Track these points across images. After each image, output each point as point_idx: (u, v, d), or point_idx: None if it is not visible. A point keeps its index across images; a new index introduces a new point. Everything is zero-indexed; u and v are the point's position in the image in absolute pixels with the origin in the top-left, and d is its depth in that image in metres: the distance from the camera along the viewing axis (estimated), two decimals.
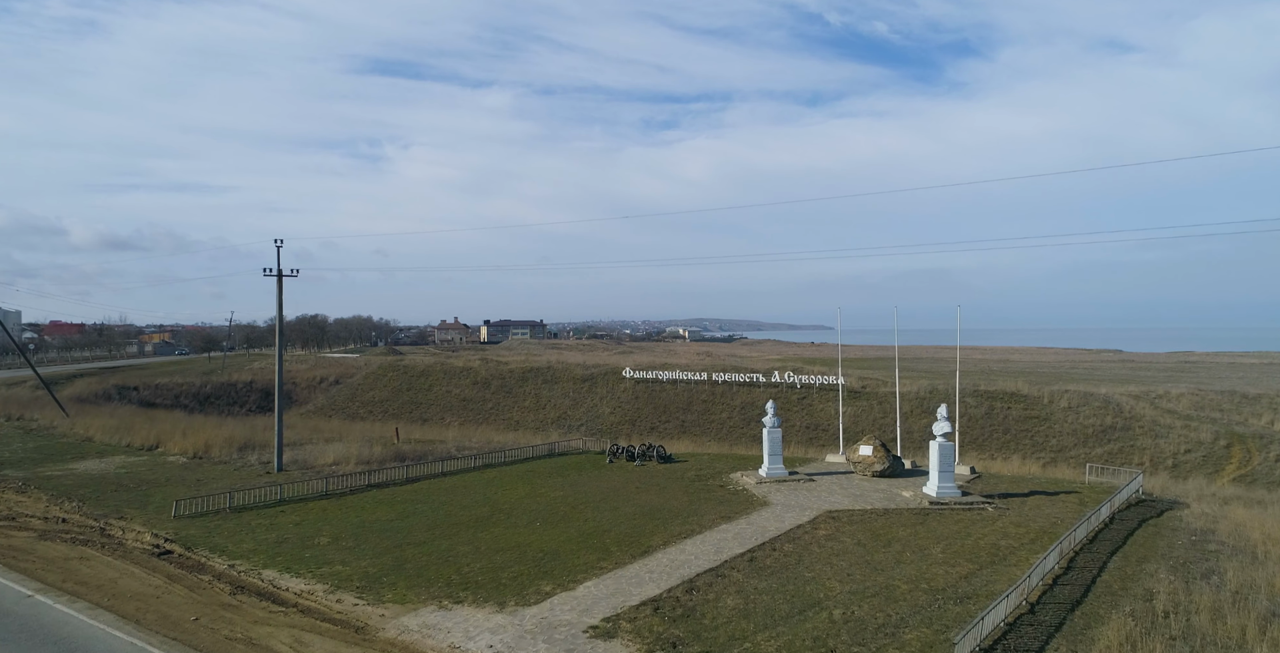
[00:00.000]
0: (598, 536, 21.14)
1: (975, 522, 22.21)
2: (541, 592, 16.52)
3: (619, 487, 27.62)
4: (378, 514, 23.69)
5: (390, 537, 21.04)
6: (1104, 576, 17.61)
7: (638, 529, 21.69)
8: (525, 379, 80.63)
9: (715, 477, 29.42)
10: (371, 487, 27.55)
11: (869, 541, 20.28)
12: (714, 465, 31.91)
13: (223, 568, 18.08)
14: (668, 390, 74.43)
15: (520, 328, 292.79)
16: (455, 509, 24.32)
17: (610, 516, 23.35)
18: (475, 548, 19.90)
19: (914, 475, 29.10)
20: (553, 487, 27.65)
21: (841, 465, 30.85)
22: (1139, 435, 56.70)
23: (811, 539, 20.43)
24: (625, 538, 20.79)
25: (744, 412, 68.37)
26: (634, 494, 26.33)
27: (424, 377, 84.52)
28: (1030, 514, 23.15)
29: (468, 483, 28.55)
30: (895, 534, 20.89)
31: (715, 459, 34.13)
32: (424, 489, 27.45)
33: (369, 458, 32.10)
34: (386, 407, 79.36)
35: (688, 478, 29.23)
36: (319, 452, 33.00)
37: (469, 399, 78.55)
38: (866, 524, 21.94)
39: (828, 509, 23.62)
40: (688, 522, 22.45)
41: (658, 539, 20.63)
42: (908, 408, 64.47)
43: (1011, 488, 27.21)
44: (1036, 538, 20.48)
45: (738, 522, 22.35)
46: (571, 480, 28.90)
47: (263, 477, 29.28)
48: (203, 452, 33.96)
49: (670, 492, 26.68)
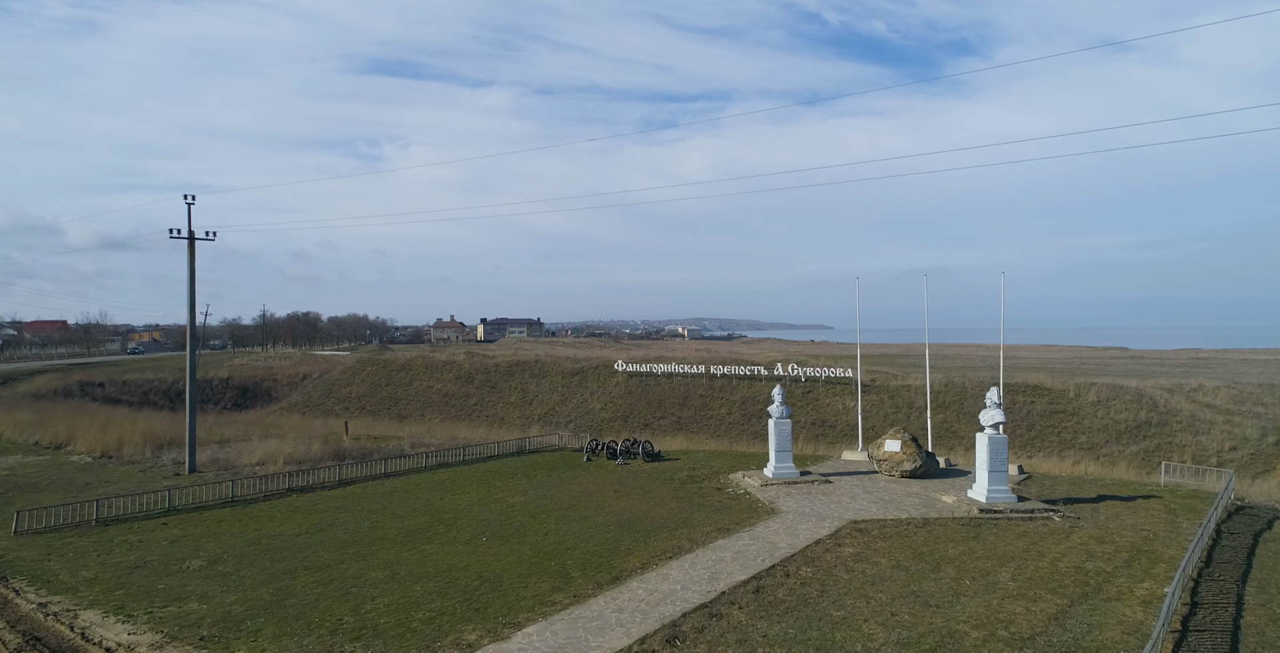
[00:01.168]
0: (558, 555, 16.28)
1: (1043, 536, 17.33)
2: (462, 643, 11.66)
3: (594, 490, 22.76)
4: (285, 526, 18.82)
5: (286, 558, 16.17)
6: (1246, 615, 12.75)
7: (610, 546, 16.83)
8: (511, 373, 75.73)
9: (712, 478, 24.58)
10: (293, 491, 22.70)
11: (912, 562, 15.42)
12: (710, 464, 27.07)
13: (28, 609, 13.20)
14: (663, 385, 69.52)
15: (517, 326, 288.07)
16: (386, 519, 19.45)
17: (578, 527, 18.49)
18: (392, 574, 15.04)
19: (950, 476, 24.24)
20: (514, 490, 22.78)
21: (862, 464, 25.99)
22: (1177, 431, 51.96)
23: (836, 560, 15.56)
24: (593, 558, 15.93)
25: (744, 407, 63.47)
26: (611, 500, 21.48)
27: (404, 371, 79.61)
28: (1110, 526, 18.26)
29: (412, 486, 23.68)
30: (945, 553, 16.02)
31: (712, 457, 29.27)
32: (356, 494, 22.58)
33: (304, 457, 27.25)
34: (364, 403, 74.44)
35: (678, 479, 24.37)
36: (246, 450, 28.10)
37: (451, 394, 73.62)
38: (904, 539, 17.06)
39: (852, 519, 18.74)
40: (675, 536, 17.59)
41: (634, 560, 15.77)
42: (921, 403, 59.61)
43: (1073, 491, 22.34)
44: (1132, 559, 15.61)
45: (739, 536, 17.48)
46: (538, 483, 24.02)
47: (169, 479, 24.42)
48: (114, 450, 29.11)
49: (656, 496, 21.83)
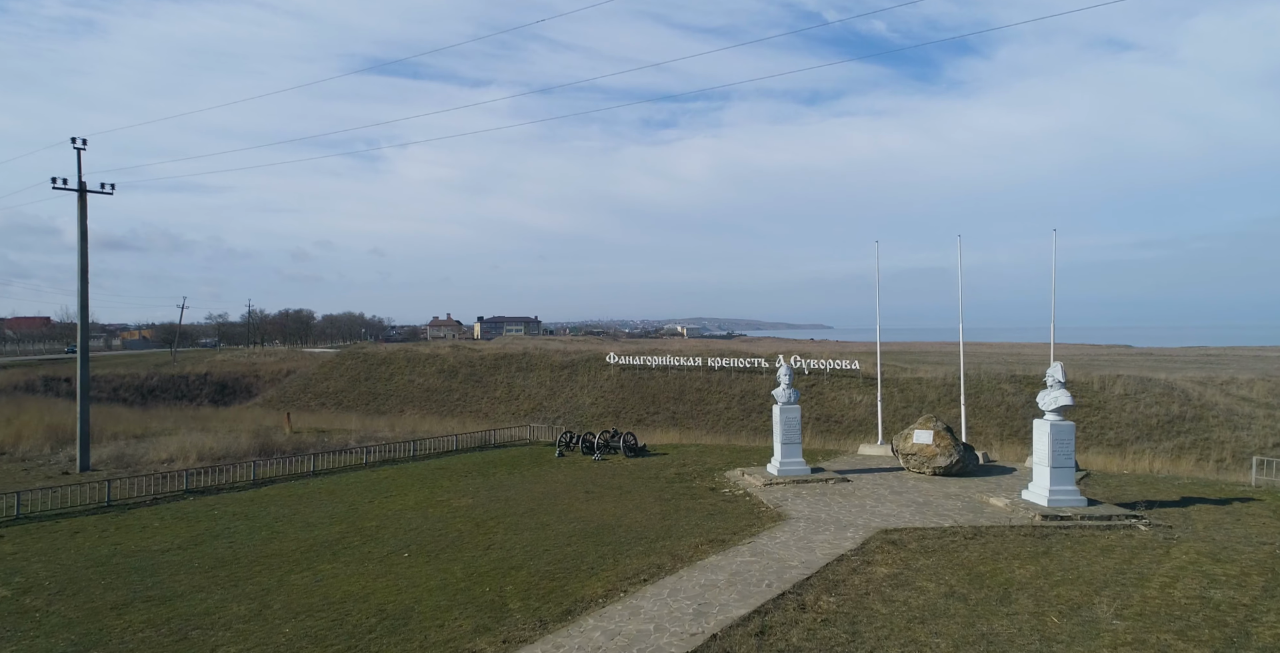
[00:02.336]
0: (496, 577, 12.23)
1: (1135, 552, 13.24)
2: None
3: (560, 491, 18.70)
4: (156, 539, 14.76)
5: (129, 585, 12.10)
6: None
7: (568, 565, 12.78)
8: (498, 367, 71.61)
9: (705, 475, 20.53)
10: (192, 493, 18.65)
11: (970, 588, 11.35)
12: (704, 460, 23.03)
13: None
14: (657, 378, 65.40)
15: (514, 325, 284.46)
16: (290, 529, 15.40)
17: (531, 539, 14.44)
18: (261, 607, 10.97)
19: (992, 474, 20.18)
20: (463, 491, 18.73)
21: (884, 460, 21.93)
22: (1214, 427, 47.90)
23: (867, 585, 11.49)
24: (541, 582, 11.88)
25: (744, 401, 59.35)
26: (580, 503, 17.41)
27: (385, 365, 75.49)
28: (1217, 538, 14.18)
29: (341, 486, 19.63)
30: (1011, 575, 11.94)
31: (706, 452, 25.21)
32: (267, 497, 18.53)
33: (225, 452, 23.15)
34: (341, 398, 70.29)
35: (665, 478, 20.31)
36: (157, 446, 23.98)
37: (433, 389, 69.49)
38: (953, 555, 12.99)
39: (882, 528, 14.68)
40: (654, 550, 13.54)
41: (596, 585, 11.71)
42: (935, 396, 55.54)
43: (1148, 493, 18.26)
44: (1273, 586, 11.51)
45: (737, 550, 13.41)
46: (496, 482, 19.97)
47: (51, 479, 20.38)
48: (10, 446, 24.99)
49: (636, 498, 17.76)
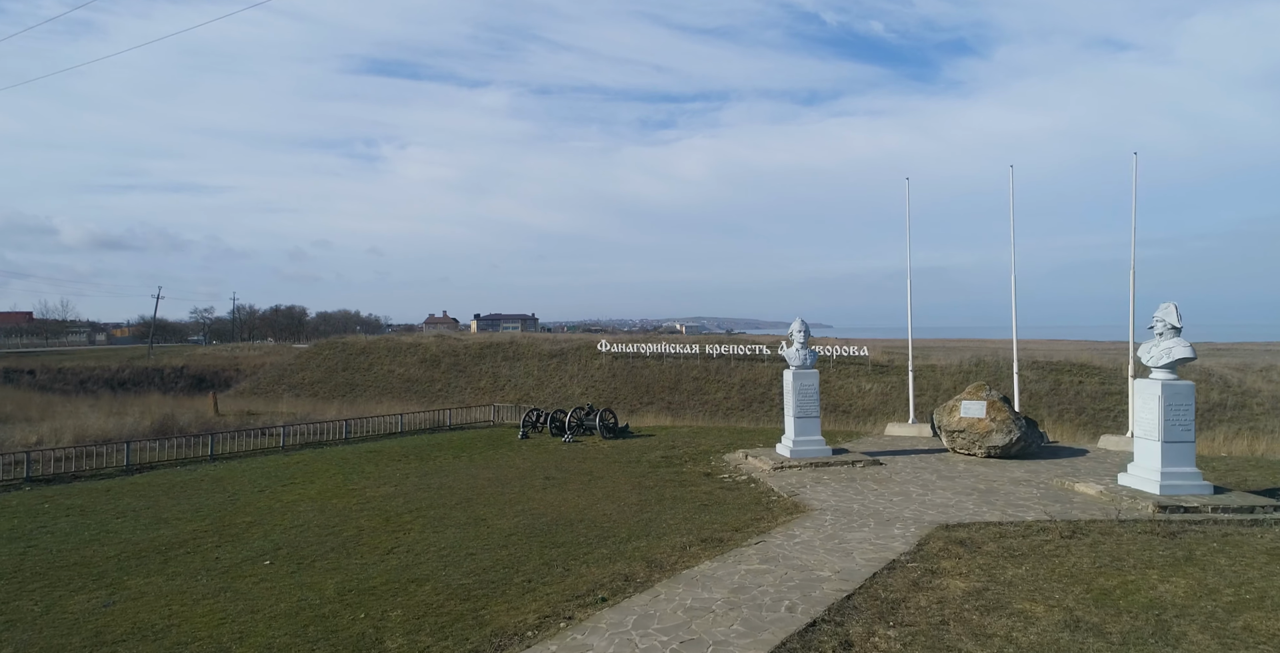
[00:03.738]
0: (383, 596, 8.18)
1: None
2: None
3: (513, 477, 14.61)
4: None
5: None
6: None
7: (495, 575, 8.73)
8: (482, 356, 67.53)
9: (698, 459, 16.46)
10: (35, 481, 14.60)
11: (1098, 613, 7.29)
12: (697, 442, 18.99)
13: None
14: (652, 367, 61.28)
15: (511, 322, 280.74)
16: (129, 527, 11.34)
17: (455, 538, 10.38)
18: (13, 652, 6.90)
19: (1059, 455, 16.09)
20: (385, 479, 14.65)
21: (920, 440, 17.86)
22: (1259, 415, 43.88)
23: (942, 609, 7.42)
24: (447, 604, 7.84)
25: (744, 390, 55.26)
26: (535, 492, 13.32)
27: (364, 355, 71.37)
28: None
29: (235, 473, 15.59)
30: (1153, 593, 7.88)
31: (700, 434, 21.12)
32: (134, 485, 14.50)
33: (117, 434, 19.04)
34: (317, 389, 66.05)
35: (648, 462, 16.23)
36: (28, 429, 19.83)
37: (414, 379, 65.35)
38: (1053, 562, 8.92)
39: (941, 522, 10.59)
40: (621, 555, 9.48)
41: (527, 610, 7.66)
42: (950, 384, 51.41)
43: (1259, 478, 14.16)
44: None
45: (740, 555, 9.34)
46: (435, 467, 15.89)
47: None
48: None
49: (608, 485, 13.69)
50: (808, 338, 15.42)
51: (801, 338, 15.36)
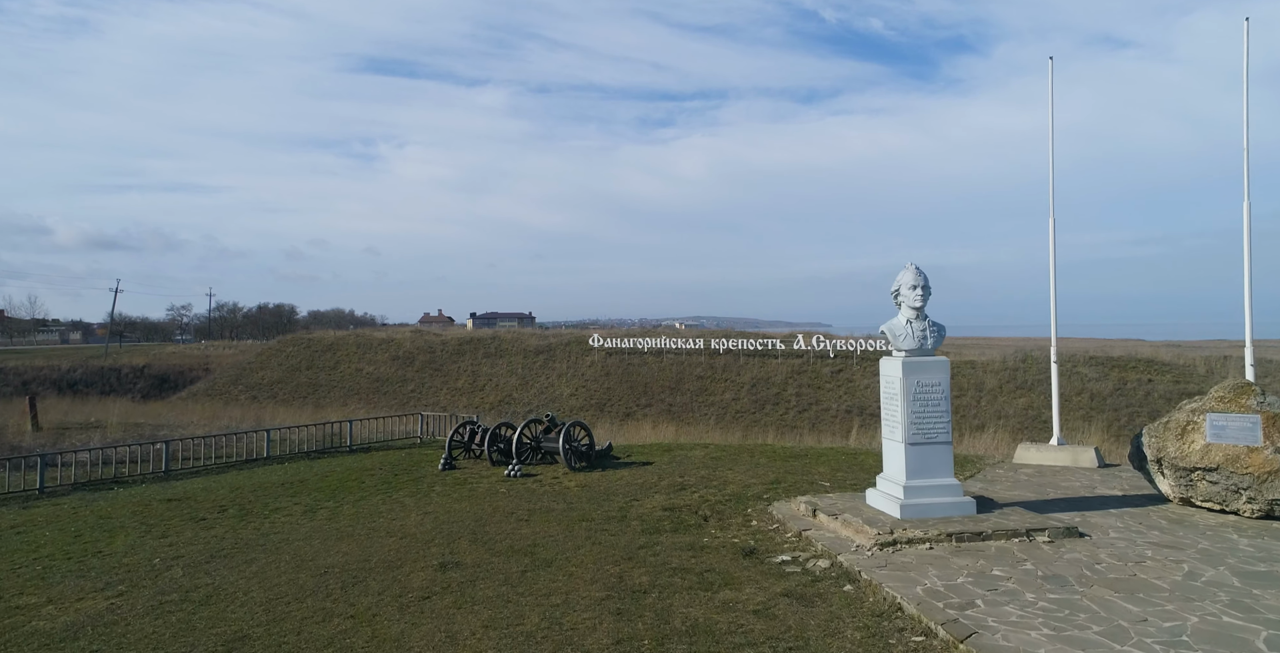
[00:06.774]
0: None
1: None
2: None
3: (379, 564, 7.61)
4: None
5: None
6: None
7: None
8: (461, 352, 60.54)
9: (727, 512, 9.47)
10: None
11: None
12: (719, 473, 11.98)
13: None
14: (650, 365, 54.26)
15: (508, 321, 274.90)
16: None
17: None
18: None
19: None
20: (101, 574, 7.62)
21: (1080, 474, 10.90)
22: None
23: None
24: None
25: (755, 391, 48.21)
26: (396, 611, 6.32)
27: (329, 352, 64.35)
28: None
29: None
30: None
31: (719, 458, 14.06)
32: None
33: None
34: (276, 390, 59.04)
35: (641, 518, 9.24)
36: None
37: (384, 379, 58.28)
38: None
39: None
40: None
41: None
42: (994, 383, 44.43)
43: None
44: None
45: None
46: (243, 537, 8.92)
47: None
48: None
49: (561, 583, 6.70)
50: (926, 297, 8.45)
51: (918, 298, 8.37)
